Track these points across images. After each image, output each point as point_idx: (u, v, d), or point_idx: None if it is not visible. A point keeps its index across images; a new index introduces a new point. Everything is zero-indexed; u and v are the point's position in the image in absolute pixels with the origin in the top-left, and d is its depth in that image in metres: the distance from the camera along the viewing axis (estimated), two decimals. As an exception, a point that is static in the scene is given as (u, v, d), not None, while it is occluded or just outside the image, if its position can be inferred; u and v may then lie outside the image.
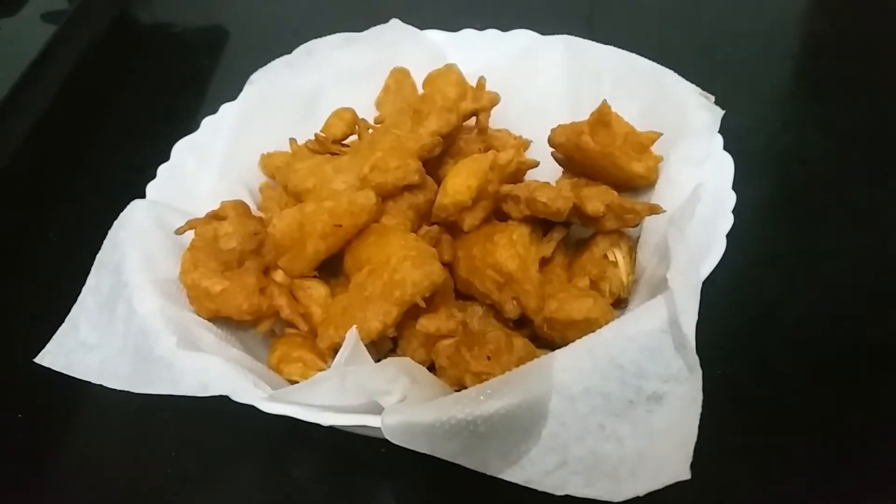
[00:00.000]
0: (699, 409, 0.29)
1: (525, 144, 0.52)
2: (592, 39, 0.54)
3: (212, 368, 0.36)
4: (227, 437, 0.48)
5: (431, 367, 0.42)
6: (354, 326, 0.36)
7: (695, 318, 0.32)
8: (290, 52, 0.57)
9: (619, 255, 0.44)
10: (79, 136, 0.75)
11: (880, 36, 0.78)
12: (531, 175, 0.49)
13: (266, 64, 0.56)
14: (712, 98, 0.48)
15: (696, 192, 0.40)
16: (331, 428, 0.40)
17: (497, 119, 0.54)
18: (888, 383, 0.47)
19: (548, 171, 0.50)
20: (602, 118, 0.44)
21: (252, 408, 0.35)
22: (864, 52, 0.76)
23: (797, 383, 0.48)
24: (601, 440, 0.30)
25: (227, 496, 0.46)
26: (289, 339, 0.44)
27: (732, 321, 0.51)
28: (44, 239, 0.64)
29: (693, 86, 0.48)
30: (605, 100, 0.44)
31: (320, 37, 0.58)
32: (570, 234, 0.47)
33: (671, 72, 0.49)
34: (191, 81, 0.80)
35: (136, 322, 0.39)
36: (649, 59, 0.52)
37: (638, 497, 0.30)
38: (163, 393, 0.36)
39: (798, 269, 0.55)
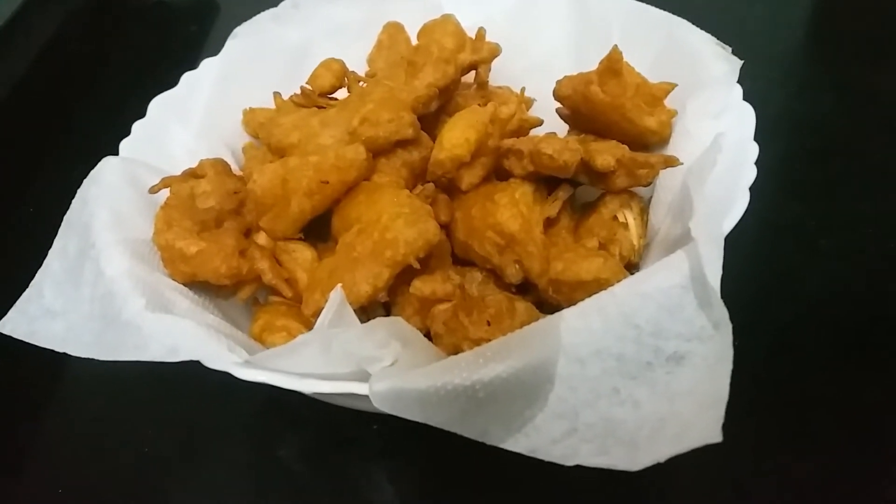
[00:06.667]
0: (730, 367, 0.26)
1: (528, 102, 0.49)
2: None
3: (182, 331, 0.32)
4: (207, 414, 0.45)
5: (427, 336, 0.38)
6: (339, 285, 0.33)
7: (720, 271, 0.28)
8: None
9: (629, 217, 0.41)
10: (58, 105, 0.72)
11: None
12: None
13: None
14: (729, 49, 0.44)
15: (717, 142, 0.36)
16: (315, 402, 0.37)
17: (498, 76, 0.50)
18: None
19: (552, 132, 0.46)
20: (612, 66, 0.40)
21: (233, 381, 0.32)
22: (881, 13, 0.73)
23: (816, 356, 0.45)
24: (615, 405, 0.27)
25: (207, 477, 0.43)
26: (272, 307, 0.40)
27: (748, 291, 0.48)
28: (22, 211, 0.62)
29: (708, 35, 0.45)
30: (615, 45, 0.40)
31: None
32: (575, 197, 0.43)
33: (684, 21, 0.46)
34: (178, 48, 0.77)
35: (103, 285, 0.36)
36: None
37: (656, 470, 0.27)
38: (129, 359, 0.32)
39: (816, 236, 0.52)
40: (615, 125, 0.42)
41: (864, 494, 0.39)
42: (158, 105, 0.47)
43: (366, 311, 0.39)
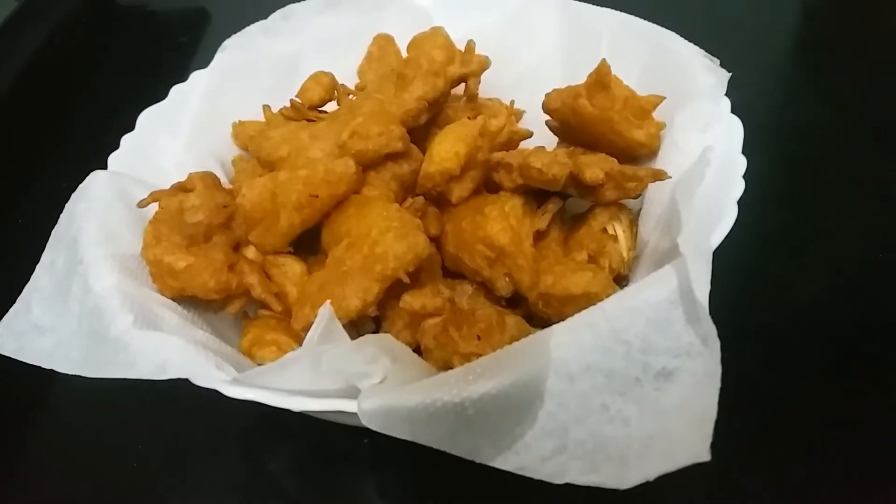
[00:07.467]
0: (717, 384, 0.26)
1: (517, 114, 0.49)
2: (588, 1, 0.51)
3: (170, 349, 0.32)
4: (197, 428, 0.45)
5: (417, 350, 0.38)
6: (328, 301, 0.33)
7: (708, 286, 0.28)
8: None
9: (619, 229, 0.41)
10: (47, 116, 0.71)
11: (884, 5, 0.75)
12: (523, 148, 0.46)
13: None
14: (717, 61, 0.44)
15: (705, 155, 0.37)
16: (306, 416, 0.37)
17: (487, 88, 0.50)
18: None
19: (541, 144, 0.46)
20: (601, 79, 0.40)
21: (223, 396, 0.32)
22: (868, 22, 0.74)
23: (807, 366, 0.45)
24: (605, 421, 0.27)
25: (197, 492, 0.43)
26: (262, 322, 0.40)
27: (738, 300, 0.48)
28: (11, 223, 0.61)
29: (696, 47, 0.45)
30: (604, 58, 0.40)
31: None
32: (565, 209, 0.44)
33: (672, 33, 0.46)
34: (168, 59, 0.76)
35: (91, 300, 0.35)
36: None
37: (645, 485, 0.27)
38: (117, 377, 0.32)
39: (807, 246, 0.53)
40: (604, 138, 0.43)
41: (863, 498, 0.39)
42: (147, 118, 0.47)
43: (356, 326, 0.39)
